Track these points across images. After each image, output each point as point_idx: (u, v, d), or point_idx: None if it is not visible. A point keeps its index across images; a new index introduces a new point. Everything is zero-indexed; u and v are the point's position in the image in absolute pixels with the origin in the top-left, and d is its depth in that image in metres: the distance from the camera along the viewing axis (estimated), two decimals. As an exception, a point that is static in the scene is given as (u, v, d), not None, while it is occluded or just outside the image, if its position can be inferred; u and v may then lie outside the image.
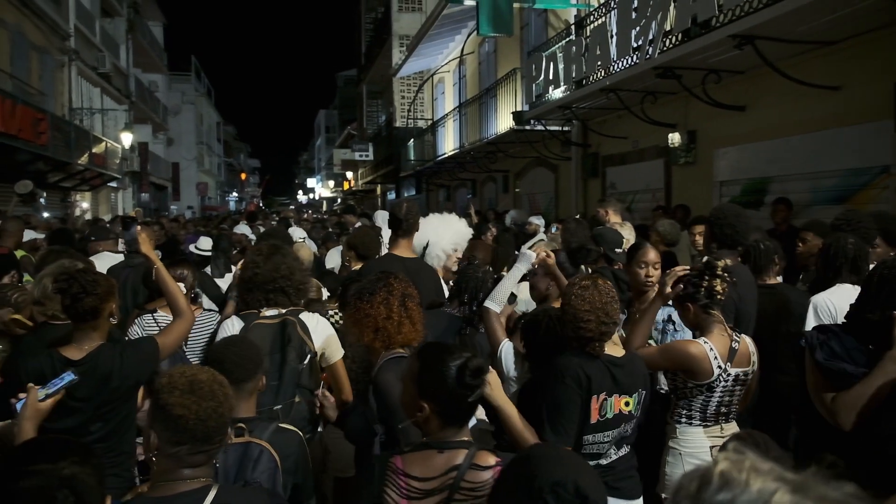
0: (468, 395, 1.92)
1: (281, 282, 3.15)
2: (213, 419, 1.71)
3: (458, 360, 1.93)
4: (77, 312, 2.65)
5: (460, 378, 1.91)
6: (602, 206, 6.10)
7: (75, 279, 2.64)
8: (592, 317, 2.56)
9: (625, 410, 2.63)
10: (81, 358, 2.63)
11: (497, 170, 15.63)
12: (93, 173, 19.32)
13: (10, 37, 15.72)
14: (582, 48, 9.28)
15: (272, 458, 2.23)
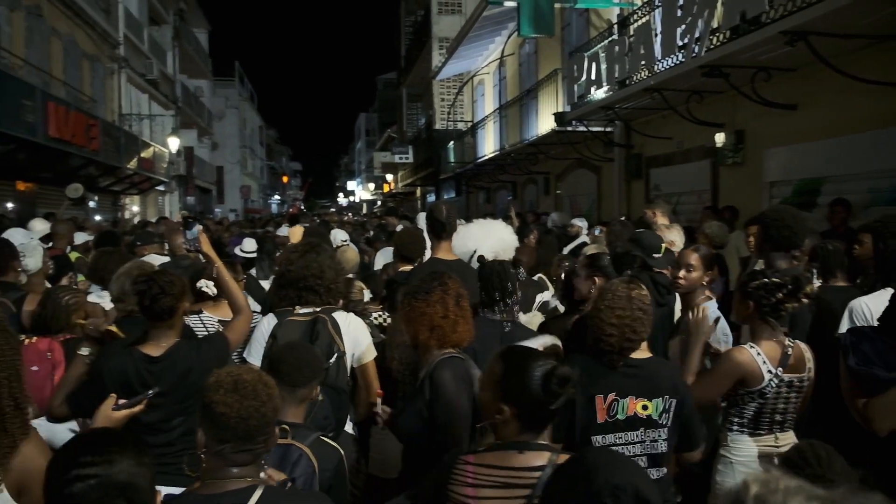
0: (552, 402, 1.90)
1: (311, 280, 3.17)
2: (254, 418, 1.72)
3: (545, 367, 1.91)
4: (155, 312, 2.78)
5: (546, 385, 1.89)
6: (650, 208, 5.98)
7: (154, 280, 2.77)
8: (616, 332, 2.49)
9: (642, 414, 2.51)
10: (161, 354, 2.77)
11: (538, 171, 15.53)
12: (141, 177, 19.80)
13: (64, 46, 16.21)
14: (625, 47, 9.15)
15: (310, 463, 2.25)
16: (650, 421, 2.53)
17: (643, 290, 2.61)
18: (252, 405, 1.73)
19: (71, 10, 16.37)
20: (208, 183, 35.76)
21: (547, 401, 1.90)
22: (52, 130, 12.16)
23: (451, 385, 2.44)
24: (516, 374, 1.93)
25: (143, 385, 2.71)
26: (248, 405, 1.72)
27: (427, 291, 2.63)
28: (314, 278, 3.17)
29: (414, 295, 2.63)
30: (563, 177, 15.02)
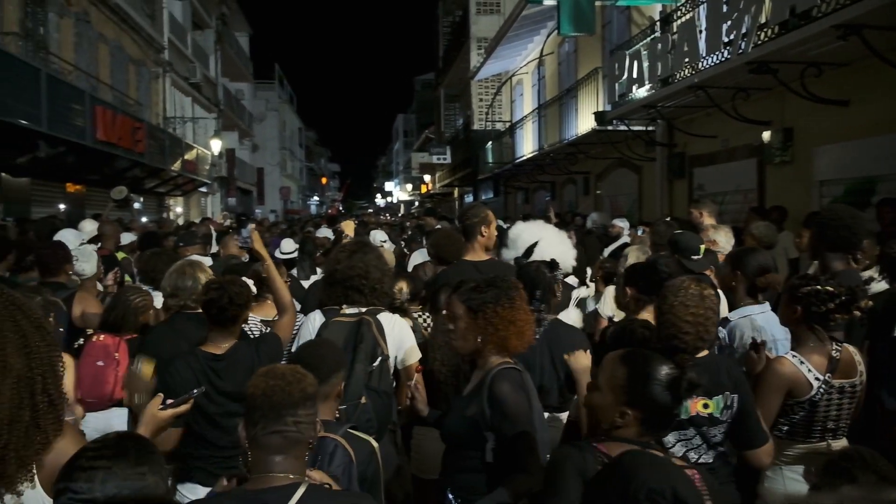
0: (678, 407, 1.93)
1: (356, 280, 3.18)
2: (277, 395, 1.76)
3: (672, 373, 1.92)
4: (220, 320, 2.90)
5: (674, 391, 1.90)
6: (696, 208, 5.84)
7: (225, 290, 2.88)
8: (692, 329, 2.45)
9: (703, 412, 2.50)
10: (223, 353, 2.89)
11: (577, 171, 15.38)
12: (185, 179, 20.19)
13: (110, 51, 16.62)
14: (668, 45, 8.98)
15: (346, 453, 2.27)
16: (712, 419, 2.51)
17: (712, 290, 2.57)
18: (277, 384, 1.78)
19: (117, 16, 16.77)
20: (249, 184, 36.31)
21: (674, 406, 1.92)
22: (100, 133, 12.48)
23: (513, 396, 2.38)
24: (642, 380, 1.92)
25: (210, 382, 2.81)
26: (272, 384, 1.78)
27: (510, 299, 2.52)
28: (359, 278, 3.17)
29: (496, 301, 2.50)
30: (603, 177, 14.85)
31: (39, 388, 1.58)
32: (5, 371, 1.53)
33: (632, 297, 3.59)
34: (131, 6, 17.43)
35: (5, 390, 1.51)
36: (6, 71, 9.21)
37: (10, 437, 1.50)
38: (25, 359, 1.57)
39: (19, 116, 9.47)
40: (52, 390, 1.61)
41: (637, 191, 13.14)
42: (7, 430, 1.50)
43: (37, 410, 1.56)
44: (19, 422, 1.52)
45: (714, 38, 7.69)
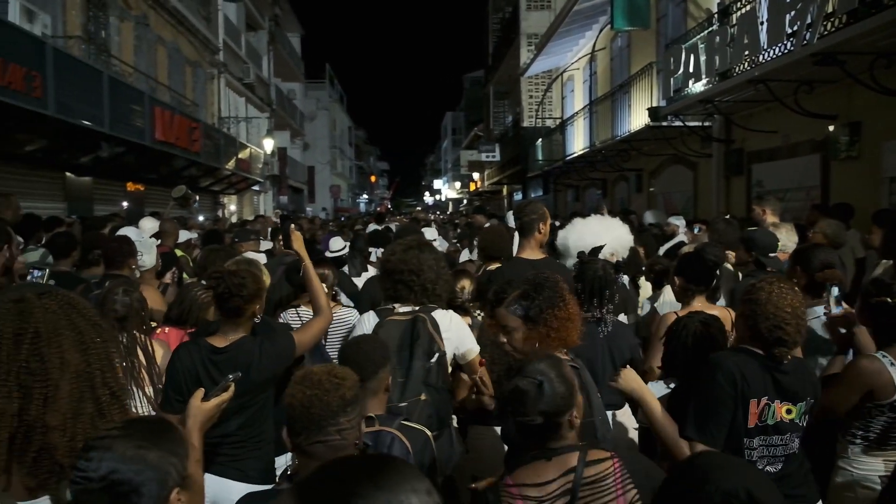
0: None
1: (406, 275, 3.14)
2: (316, 406, 1.76)
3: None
4: (222, 309, 2.87)
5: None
6: (759, 205, 5.66)
7: (223, 280, 2.82)
8: (793, 321, 2.38)
9: (786, 419, 2.42)
10: (225, 346, 2.83)
11: (629, 168, 15.12)
12: (238, 178, 20.60)
13: (168, 53, 17.06)
14: (727, 38, 8.74)
15: (404, 445, 2.29)
16: (793, 425, 2.45)
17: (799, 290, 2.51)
18: (314, 394, 1.78)
19: (175, 19, 17.20)
20: (300, 183, 36.86)
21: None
22: (159, 134, 12.81)
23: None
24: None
25: (207, 373, 2.77)
26: (310, 394, 1.78)
27: (563, 298, 2.55)
28: (410, 273, 3.14)
29: (551, 304, 2.51)
30: (656, 174, 14.57)
31: (99, 381, 1.63)
32: (64, 367, 1.57)
33: (680, 287, 3.54)
34: (188, 9, 17.86)
35: (64, 385, 1.56)
36: (71, 74, 9.51)
37: (75, 429, 1.55)
38: (83, 355, 1.61)
39: (83, 117, 9.79)
40: (111, 383, 1.65)
41: (692, 188, 12.85)
42: (72, 422, 1.55)
43: (100, 402, 1.61)
44: (83, 414, 1.57)
45: (776, 30, 7.44)
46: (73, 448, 1.53)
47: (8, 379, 1.53)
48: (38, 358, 1.55)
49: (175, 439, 1.46)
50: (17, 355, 1.54)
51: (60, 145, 10.20)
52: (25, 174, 10.38)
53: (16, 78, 7.91)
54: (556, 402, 1.98)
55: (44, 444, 1.52)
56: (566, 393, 2.01)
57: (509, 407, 1.98)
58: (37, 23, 10.13)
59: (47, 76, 8.66)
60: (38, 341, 1.56)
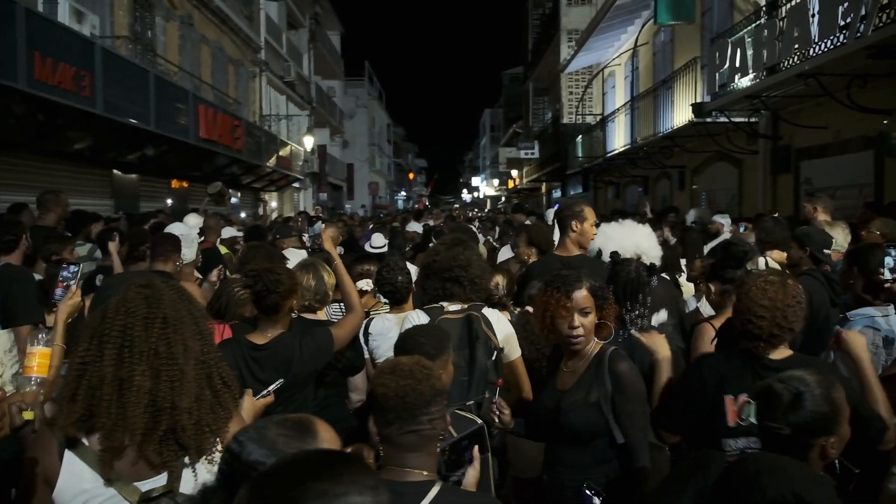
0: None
1: (457, 271, 3.13)
2: (410, 395, 1.79)
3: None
4: (260, 307, 2.90)
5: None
6: (811, 202, 5.50)
7: (261, 278, 2.85)
8: (767, 314, 2.31)
9: None
10: (265, 343, 2.86)
11: (672, 166, 14.86)
12: (279, 175, 20.84)
13: (212, 52, 17.34)
14: (775, 31, 8.50)
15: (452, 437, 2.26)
16: None
17: (798, 285, 2.44)
18: (408, 383, 1.80)
19: (218, 18, 17.47)
20: (339, 180, 37.15)
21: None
22: (202, 132, 13.02)
23: (633, 376, 2.49)
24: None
25: (249, 371, 2.80)
26: (404, 384, 1.80)
27: (603, 289, 2.67)
28: (460, 269, 3.13)
29: (605, 296, 2.65)
30: (699, 171, 14.30)
31: (214, 370, 1.72)
32: (187, 353, 1.66)
33: (717, 292, 3.42)
34: (231, 8, 18.13)
35: (189, 370, 1.65)
36: (118, 73, 9.72)
37: (199, 413, 1.64)
38: (200, 343, 1.71)
39: (130, 116, 10.00)
40: (223, 372, 1.74)
41: (737, 186, 12.57)
42: (197, 406, 1.64)
43: (216, 390, 1.70)
44: (204, 399, 1.66)
45: (828, 22, 7.22)
46: (198, 430, 1.62)
47: (141, 360, 1.61)
48: (166, 342, 1.64)
49: (317, 437, 1.47)
50: (147, 339, 1.63)
51: (108, 143, 10.45)
52: (74, 171, 10.66)
53: (66, 78, 8.11)
54: (813, 420, 1.80)
55: (172, 424, 1.60)
56: (828, 414, 1.82)
57: (759, 407, 1.86)
58: (85, 23, 10.37)
59: (96, 76, 8.86)
60: (166, 327, 1.65)
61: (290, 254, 5.83)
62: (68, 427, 1.62)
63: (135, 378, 1.59)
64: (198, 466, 1.66)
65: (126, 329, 1.63)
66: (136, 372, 1.60)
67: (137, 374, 1.60)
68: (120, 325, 1.64)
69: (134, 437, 1.58)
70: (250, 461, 1.37)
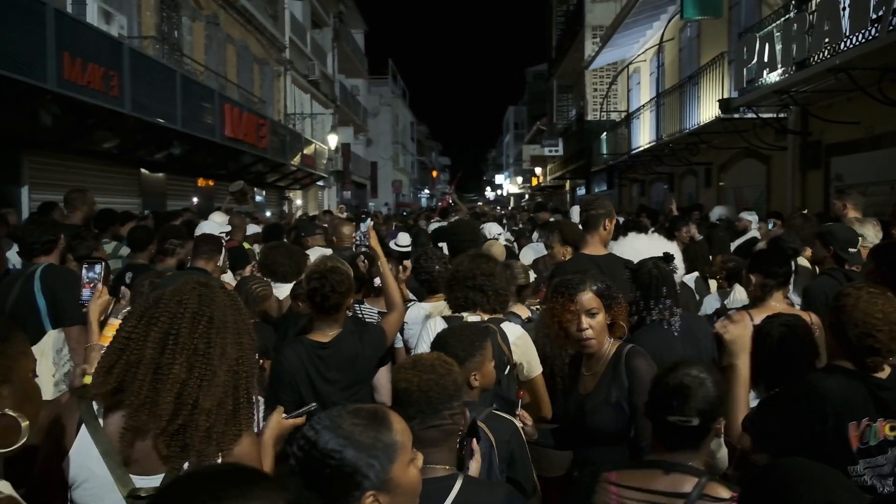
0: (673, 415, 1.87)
1: (480, 279, 3.13)
2: (434, 390, 1.81)
3: (673, 378, 1.92)
4: (324, 308, 2.93)
5: (664, 398, 1.91)
6: (841, 199, 5.40)
7: (326, 279, 2.90)
8: (885, 327, 2.22)
9: (890, 436, 2.25)
10: (328, 342, 2.93)
11: (698, 162, 14.67)
12: (303, 173, 20.97)
13: (237, 51, 17.49)
14: (805, 25, 8.36)
15: (487, 439, 2.28)
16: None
17: (891, 295, 2.34)
18: (431, 378, 1.83)
19: (243, 18, 17.62)
20: (363, 178, 37.30)
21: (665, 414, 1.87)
22: (228, 130, 13.15)
23: (650, 372, 2.39)
24: (654, 385, 1.95)
25: (316, 370, 2.84)
26: (426, 378, 1.82)
27: (610, 288, 2.63)
28: (484, 277, 3.12)
29: (613, 299, 2.61)
30: (726, 167, 14.11)
31: (243, 383, 1.70)
32: (224, 357, 1.67)
33: (757, 285, 3.36)
34: (256, 8, 18.27)
35: (220, 374, 1.65)
36: (146, 73, 9.84)
37: (216, 420, 1.63)
38: (238, 352, 1.71)
39: (157, 115, 10.12)
40: (251, 388, 1.74)
41: (765, 182, 12.38)
42: (216, 410, 1.63)
43: (238, 403, 1.68)
44: (224, 408, 1.65)
45: (860, 15, 7.07)
46: (208, 434, 1.61)
47: (182, 351, 1.64)
48: (207, 342, 1.66)
49: (392, 427, 1.48)
50: (192, 334, 1.65)
51: (135, 142, 10.58)
52: (102, 170, 10.82)
53: (94, 78, 8.23)
54: (713, 404, 1.89)
55: (188, 420, 1.61)
56: (721, 397, 1.94)
57: (667, 402, 1.89)
58: (113, 24, 10.52)
59: (124, 76, 8.98)
60: (211, 327, 1.67)
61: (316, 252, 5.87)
62: (98, 396, 1.66)
63: (174, 366, 1.62)
64: None
65: (175, 318, 1.66)
66: (176, 361, 1.62)
67: (177, 364, 1.62)
68: (170, 312, 1.67)
69: (159, 423, 1.60)
70: (326, 449, 1.38)
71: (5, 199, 8.51)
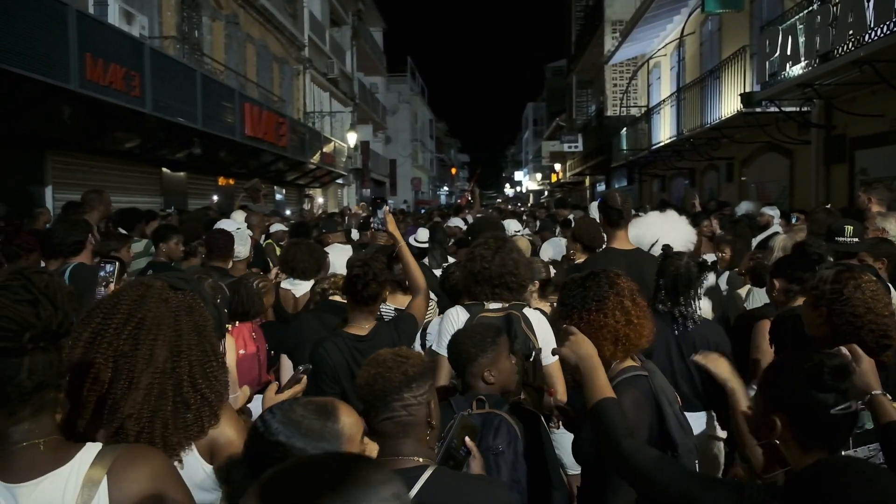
0: (829, 401, 1.54)
1: (507, 277, 3.11)
2: (378, 383, 1.82)
3: (814, 360, 1.60)
4: (363, 297, 2.98)
5: (817, 382, 1.56)
6: (866, 193, 5.30)
7: (370, 266, 2.96)
8: (892, 321, 2.19)
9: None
10: (366, 334, 2.97)
11: (719, 157, 14.52)
12: (323, 171, 21.06)
13: (257, 50, 17.59)
14: (829, 17, 8.22)
15: (512, 428, 2.29)
16: None
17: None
18: (378, 371, 1.85)
19: (263, 17, 17.71)
20: (382, 176, 37.37)
21: (823, 402, 1.53)
22: (248, 129, 13.24)
23: (631, 412, 2.06)
24: (780, 373, 1.63)
25: (356, 363, 2.86)
26: (374, 372, 1.85)
27: (599, 299, 2.19)
28: (510, 276, 3.11)
29: (584, 306, 2.20)
30: (748, 162, 13.94)
31: (187, 384, 1.66)
32: (149, 361, 1.63)
33: (780, 290, 3.30)
34: (275, 7, 18.35)
35: (144, 378, 1.61)
36: (167, 73, 9.93)
37: (152, 424, 1.60)
38: (173, 355, 1.66)
39: (178, 115, 10.21)
40: (203, 388, 1.69)
41: (788, 177, 12.22)
42: (148, 416, 1.59)
43: (188, 404, 1.65)
44: (160, 410, 1.61)
45: (885, 7, 6.95)
46: (147, 440, 1.58)
47: (108, 351, 1.61)
48: (133, 344, 1.62)
49: (339, 420, 1.48)
50: (119, 334, 1.63)
51: (157, 142, 10.69)
52: (124, 170, 10.94)
53: (116, 78, 8.32)
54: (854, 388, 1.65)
55: (121, 425, 1.58)
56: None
57: (806, 392, 1.58)
58: (135, 24, 10.62)
59: (145, 76, 9.07)
60: (140, 329, 1.64)
61: (336, 248, 5.89)
62: None
63: (95, 366, 1.59)
64: (186, 459, 1.65)
65: (106, 318, 1.64)
66: (97, 360, 1.59)
67: (98, 363, 1.59)
68: (104, 312, 1.65)
69: (81, 422, 1.58)
70: (275, 438, 1.40)
71: (29, 199, 8.65)
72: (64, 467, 1.35)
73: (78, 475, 1.35)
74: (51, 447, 1.36)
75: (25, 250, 4.30)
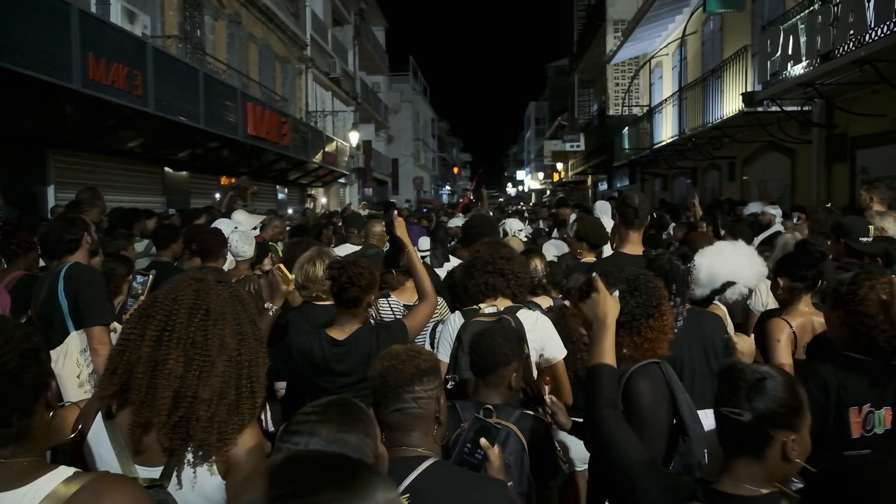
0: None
1: (500, 262, 3.10)
2: (391, 375, 1.87)
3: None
4: (342, 299, 2.92)
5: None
6: (868, 191, 5.31)
7: (345, 269, 2.90)
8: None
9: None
10: (344, 338, 2.91)
11: (721, 157, 14.52)
12: (325, 170, 21.07)
13: (259, 50, 17.61)
14: (830, 17, 8.23)
15: (519, 441, 2.29)
16: None
17: None
18: (391, 364, 1.89)
19: (265, 16, 17.73)
20: (384, 175, 37.37)
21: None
22: (250, 129, 13.25)
23: (649, 398, 2.14)
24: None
25: (326, 364, 2.86)
26: (387, 365, 1.89)
27: (658, 307, 2.25)
28: (504, 261, 3.10)
29: (647, 313, 2.23)
30: (750, 161, 13.94)
31: (245, 372, 1.73)
32: (222, 348, 1.70)
33: (785, 288, 3.30)
34: (277, 6, 18.37)
35: (220, 365, 1.68)
36: (169, 72, 9.95)
37: (218, 408, 1.66)
38: (238, 343, 1.73)
39: (180, 114, 10.23)
40: (254, 379, 1.75)
41: (789, 176, 12.23)
42: (217, 401, 1.66)
43: (240, 393, 1.71)
44: (226, 398, 1.67)
45: (885, 7, 6.95)
46: (209, 425, 1.64)
47: (178, 346, 1.67)
48: (204, 333, 1.69)
49: (367, 420, 1.51)
50: (188, 327, 1.69)
51: (159, 141, 10.71)
52: (127, 169, 10.97)
53: (119, 77, 8.34)
54: (776, 409, 1.62)
55: (188, 412, 1.64)
56: (791, 402, 1.64)
57: (719, 391, 1.69)
58: (137, 24, 10.64)
59: (148, 75, 9.09)
60: (207, 319, 1.71)
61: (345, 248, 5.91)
62: (105, 398, 1.71)
63: (168, 362, 1.65)
64: (199, 471, 1.66)
65: (170, 315, 1.70)
66: (170, 357, 1.66)
67: (171, 359, 1.65)
68: (166, 310, 1.71)
69: (159, 418, 1.63)
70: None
71: (32, 198, 8.68)
72: (29, 485, 1.29)
73: (39, 492, 1.28)
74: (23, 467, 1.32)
75: (24, 249, 4.32)
